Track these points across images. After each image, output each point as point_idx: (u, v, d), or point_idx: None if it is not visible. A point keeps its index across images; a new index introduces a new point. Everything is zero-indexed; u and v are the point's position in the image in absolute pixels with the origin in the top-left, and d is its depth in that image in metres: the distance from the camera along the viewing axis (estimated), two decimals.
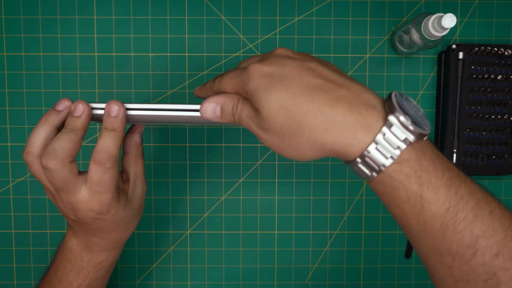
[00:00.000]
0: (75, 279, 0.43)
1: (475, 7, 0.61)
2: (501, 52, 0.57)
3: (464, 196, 0.29)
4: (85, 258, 0.43)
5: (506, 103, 0.58)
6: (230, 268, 0.62)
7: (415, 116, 0.30)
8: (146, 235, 0.62)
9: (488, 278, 0.28)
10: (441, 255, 0.30)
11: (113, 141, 0.36)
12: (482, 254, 0.28)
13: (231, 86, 0.34)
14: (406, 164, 0.28)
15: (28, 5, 0.59)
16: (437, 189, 0.28)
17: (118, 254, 0.45)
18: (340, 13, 0.60)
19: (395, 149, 0.28)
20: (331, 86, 0.30)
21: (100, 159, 0.36)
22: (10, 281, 0.62)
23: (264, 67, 0.31)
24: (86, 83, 0.60)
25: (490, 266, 0.28)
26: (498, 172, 0.59)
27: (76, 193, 0.37)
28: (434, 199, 0.28)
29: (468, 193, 0.29)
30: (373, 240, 0.62)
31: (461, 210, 0.28)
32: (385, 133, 0.28)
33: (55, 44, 0.60)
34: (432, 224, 0.29)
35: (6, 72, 0.60)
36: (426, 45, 0.53)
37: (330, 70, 0.32)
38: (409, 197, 0.29)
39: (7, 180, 0.61)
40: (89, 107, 0.37)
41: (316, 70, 0.31)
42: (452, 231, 0.28)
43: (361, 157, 0.29)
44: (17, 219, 0.61)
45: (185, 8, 0.60)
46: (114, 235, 0.42)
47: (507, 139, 0.58)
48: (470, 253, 0.28)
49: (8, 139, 0.61)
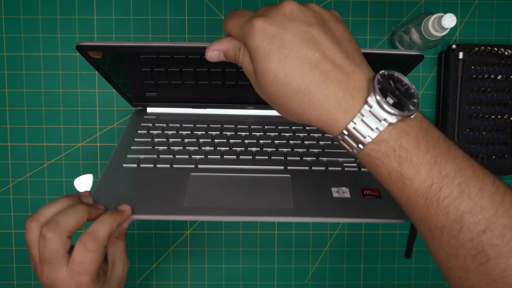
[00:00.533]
0: None
1: (475, 7, 0.61)
2: (501, 52, 0.57)
3: (450, 173, 0.29)
4: None
5: (506, 103, 0.58)
6: (230, 268, 0.62)
7: (400, 96, 0.31)
8: (146, 235, 0.62)
9: (477, 253, 0.29)
10: (430, 229, 0.31)
11: (105, 228, 0.37)
12: (469, 229, 0.29)
13: (235, 32, 0.34)
14: (384, 144, 0.30)
15: (28, 5, 0.59)
16: (417, 167, 0.29)
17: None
18: (340, 13, 0.60)
19: (373, 130, 0.30)
20: (326, 66, 0.31)
21: (86, 241, 0.36)
22: (10, 281, 0.62)
23: (267, 26, 0.32)
24: (86, 83, 0.60)
25: (478, 242, 0.29)
26: (498, 172, 0.59)
27: (58, 269, 0.37)
28: (416, 176, 0.29)
29: (455, 170, 0.29)
30: (373, 240, 0.62)
31: (445, 186, 0.29)
32: (364, 115, 0.30)
33: (55, 44, 0.60)
34: (416, 199, 0.30)
35: (6, 72, 0.60)
36: (426, 45, 0.53)
37: (331, 40, 0.32)
38: (389, 174, 0.30)
39: (7, 180, 0.61)
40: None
41: (317, 40, 0.32)
42: (437, 206, 0.29)
43: (340, 135, 0.31)
44: (17, 219, 0.61)
45: (185, 8, 0.60)
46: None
47: (507, 139, 0.58)
48: (457, 228, 0.29)
49: (8, 139, 0.61)
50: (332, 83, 0.30)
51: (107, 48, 0.43)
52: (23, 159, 0.61)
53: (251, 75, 0.34)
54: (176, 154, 0.49)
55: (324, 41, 0.32)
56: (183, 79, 0.51)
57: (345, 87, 0.30)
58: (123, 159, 0.48)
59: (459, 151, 0.30)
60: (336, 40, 0.33)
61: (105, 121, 0.61)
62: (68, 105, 0.60)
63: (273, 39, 0.31)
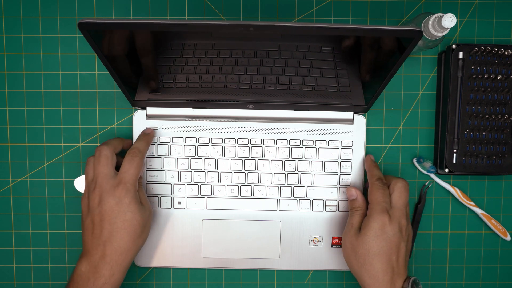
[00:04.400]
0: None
1: (475, 7, 0.61)
2: (501, 52, 0.57)
3: None
4: (91, 279, 0.49)
5: (506, 103, 0.58)
6: (230, 268, 0.62)
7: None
8: None
9: None
10: None
11: (142, 144, 0.55)
12: None
13: (377, 203, 0.52)
14: None
15: (28, 5, 0.59)
16: None
17: (120, 279, 0.51)
18: (340, 13, 0.60)
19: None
20: (393, 268, 0.51)
21: (132, 152, 0.52)
22: (10, 281, 0.62)
23: (388, 226, 0.51)
24: (86, 83, 0.60)
25: None
26: (498, 172, 0.59)
27: (110, 179, 0.50)
28: None
29: None
30: None
31: None
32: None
33: (55, 44, 0.60)
34: None
35: (6, 72, 0.60)
36: (426, 45, 0.53)
37: (404, 253, 0.52)
38: None
39: (7, 180, 0.61)
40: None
41: (399, 251, 0.51)
42: None
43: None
44: (17, 219, 0.61)
45: (185, 8, 0.60)
46: (123, 245, 0.50)
47: (507, 139, 0.58)
48: None
49: (8, 139, 0.61)
50: (386, 284, 0.50)
51: (114, 26, 0.40)
52: (23, 159, 0.61)
53: (353, 227, 0.53)
54: (188, 192, 0.59)
55: (401, 253, 0.51)
56: (196, 71, 0.50)
57: (389, 281, 0.50)
58: None
59: None
60: (405, 252, 0.52)
61: (105, 121, 0.61)
62: (68, 105, 0.61)
63: (386, 240, 0.50)
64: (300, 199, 0.59)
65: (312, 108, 0.58)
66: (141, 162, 0.52)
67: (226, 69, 0.49)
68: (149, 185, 0.59)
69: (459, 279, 0.63)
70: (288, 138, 0.59)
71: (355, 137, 0.59)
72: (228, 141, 0.59)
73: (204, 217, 0.59)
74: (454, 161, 0.58)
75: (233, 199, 0.59)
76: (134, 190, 0.51)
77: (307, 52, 0.47)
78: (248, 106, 0.57)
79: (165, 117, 0.58)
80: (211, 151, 0.59)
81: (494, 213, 0.62)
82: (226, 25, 0.39)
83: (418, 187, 0.62)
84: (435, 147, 0.61)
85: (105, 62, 0.46)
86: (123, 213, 0.49)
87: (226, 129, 0.58)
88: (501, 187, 0.62)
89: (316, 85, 0.52)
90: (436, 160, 0.61)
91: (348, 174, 0.59)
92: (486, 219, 0.61)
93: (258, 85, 0.52)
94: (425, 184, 0.62)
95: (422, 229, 0.62)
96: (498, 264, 0.63)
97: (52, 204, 0.61)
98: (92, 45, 0.43)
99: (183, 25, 0.40)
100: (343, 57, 0.47)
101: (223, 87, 0.52)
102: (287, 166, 0.59)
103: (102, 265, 0.49)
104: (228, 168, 0.59)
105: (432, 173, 0.61)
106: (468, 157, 0.58)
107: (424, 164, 0.61)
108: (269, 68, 0.49)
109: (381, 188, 0.53)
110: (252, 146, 0.59)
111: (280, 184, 0.59)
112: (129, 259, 0.51)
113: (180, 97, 0.55)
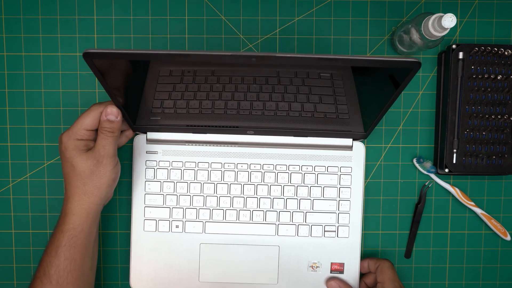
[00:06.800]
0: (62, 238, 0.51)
1: (475, 7, 0.61)
2: (501, 52, 0.57)
3: None
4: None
5: (506, 103, 0.58)
6: None
7: None
8: None
9: None
10: None
11: None
12: None
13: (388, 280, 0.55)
14: None
15: (28, 5, 0.59)
16: None
17: (95, 220, 0.53)
18: (340, 13, 0.60)
19: None
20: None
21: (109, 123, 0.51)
22: (10, 281, 0.62)
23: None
24: (86, 83, 0.60)
25: None
26: (498, 172, 0.59)
27: None
28: None
29: None
30: (373, 240, 0.62)
31: None
32: None
33: (55, 44, 0.60)
34: None
35: (6, 72, 0.60)
36: (426, 45, 0.53)
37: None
38: None
39: (7, 180, 0.61)
40: None
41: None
42: None
43: None
44: (17, 219, 0.61)
45: (185, 8, 0.60)
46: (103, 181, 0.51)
47: (507, 139, 0.58)
48: None
49: (8, 139, 0.61)
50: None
51: (118, 56, 0.42)
52: (23, 159, 0.61)
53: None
54: (187, 216, 0.59)
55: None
56: (196, 97, 0.51)
57: None
58: (142, 223, 0.59)
59: None
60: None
61: None
62: (68, 105, 0.61)
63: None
64: (299, 224, 0.59)
65: (311, 135, 0.58)
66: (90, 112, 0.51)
67: (226, 95, 0.49)
68: (147, 209, 0.59)
69: (459, 279, 0.63)
70: (287, 164, 0.59)
71: (354, 163, 0.59)
72: (228, 166, 0.59)
73: (202, 241, 0.59)
74: (454, 161, 0.58)
75: (232, 223, 0.59)
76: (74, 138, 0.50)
77: (306, 78, 0.47)
78: (248, 132, 0.57)
79: (165, 141, 0.58)
80: (210, 175, 0.59)
81: (494, 213, 0.62)
82: (228, 55, 0.40)
83: (418, 187, 0.62)
84: (435, 147, 0.61)
85: (107, 88, 0.47)
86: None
87: (225, 154, 0.59)
88: (501, 187, 0.62)
89: (315, 111, 0.52)
90: (436, 160, 0.61)
91: (347, 200, 0.59)
92: (486, 219, 0.61)
93: (257, 111, 0.52)
94: (425, 184, 0.62)
95: (422, 229, 0.62)
96: (498, 264, 0.63)
97: (52, 204, 0.61)
98: (95, 73, 0.44)
99: (185, 55, 0.41)
100: (342, 83, 0.48)
101: (223, 113, 0.53)
102: (286, 191, 0.59)
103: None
104: (227, 192, 0.59)
105: (432, 173, 0.61)
106: (468, 157, 0.58)
107: (424, 164, 0.61)
108: (268, 95, 0.49)
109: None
110: (251, 171, 0.59)
111: (279, 209, 0.59)
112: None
113: (180, 122, 0.55)
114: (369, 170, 0.62)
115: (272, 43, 0.60)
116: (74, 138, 0.50)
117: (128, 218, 0.61)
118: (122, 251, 0.62)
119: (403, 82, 0.44)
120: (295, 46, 0.60)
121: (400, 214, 0.62)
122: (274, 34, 0.61)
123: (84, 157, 0.50)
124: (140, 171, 0.59)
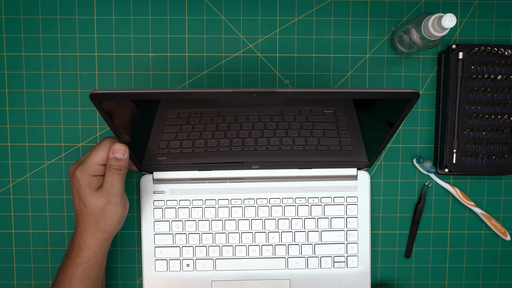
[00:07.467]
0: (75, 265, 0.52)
1: (475, 7, 0.61)
2: (501, 52, 0.57)
3: None
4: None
5: (506, 103, 0.58)
6: None
7: None
8: None
9: None
10: None
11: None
12: None
13: None
14: None
15: (28, 5, 0.59)
16: None
17: (107, 243, 0.54)
18: (340, 13, 0.60)
19: None
20: None
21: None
22: (10, 281, 0.62)
23: None
24: (86, 83, 0.60)
25: None
26: (498, 172, 0.59)
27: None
28: None
29: None
30: (374, 240, 0.62)
31: None
32: None
33: (55, 44, 0.60)
34: None
35: (6, 72, 0.60)
36: (426, 45, 0.53)
37: None
38: None
39: (7, 180, 0.61)
40: None
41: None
42: None
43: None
44: (17, 219, 0.61)
45: (185, 8, 0.60)
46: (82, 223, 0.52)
47: (507, 139, 0.59)
48: None
49: (8, 139, 0.61)
50: None
51: (125, 96, 0.42)
52: (23, 159, 0.61)
53: None
54: (197, 254, 0.59)
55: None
56: (202, 136, 0.51)
57: None
58: (153, 263, 0.59)
59: None
60: None
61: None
62: (68, 105, 0.61)
63: None
64: (308, 256, 0.59)
65: (316, 166, 0.58)
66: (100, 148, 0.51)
67: (231, 133, 0.50)
68: (157, 249, 0.59)
69: (459, 279, 0.63)
70: (294, 197, 0.59)
71: (360, 192, 0.59)
72: (235, 202, 0.59)
73: (213, 279, 0.59)
74: (454, 161, 0.58)
75: (242, 259, 0.59)
76: (87, 176, 0.50)
77: (309, 115, 0.48)
78: (253, 166, 0.57)
79: (171, 180, 0.59)
80: (218, 212, 0.59)
81: (494, 213, 0.62)
82: (230, 92, 0.40)
83: (418, 187, 0.62)
84: (435, 147, 0.61)
85: (114, 129, 0.47)
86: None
87: (232, 190, 0.59)
88: (501, 187, 0.62)
89: (319, 145, 0.53)
90: (436, 160, 0.61)
91: (355, 230, 0.59)
92: (486, 219, 0.61)
93: (262, 146, 0.52)
94: (425, 184, 0.62)
95: (422, 229, 0.62)
96: (498, 264, 0.63)
97: (52, 204, 0.61)
98: (102, 114, 0.44)
99: (188, 93, 0.41)
100: (345, 118, 0.48)
101: (228, 150, 0.53)
102: (294, 224, 0.59)
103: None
104: (235, 228, 0.59)
105: (432, 173, 0.61)
106: (468, 157, 0.58)
107: (424, 164, 0.61)
108: (272, 131, 0.50)
109: None
110: (258, 205, 0.59)
111: (287, 243, 0.59)
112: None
113: (186, 161, 0.56)
114: (369, 170, 0.62)
115: (272, 43, 0.60)
116: (88, 174, 0.50)
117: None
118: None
119: (403, 112, 0.45)
120: (295, 46, 0.60)
121: (400, 214, 0.62)
122: (274, 34, 0.61)
123: (94, 196, 0.50)
124: (148, 211, 0.59)
